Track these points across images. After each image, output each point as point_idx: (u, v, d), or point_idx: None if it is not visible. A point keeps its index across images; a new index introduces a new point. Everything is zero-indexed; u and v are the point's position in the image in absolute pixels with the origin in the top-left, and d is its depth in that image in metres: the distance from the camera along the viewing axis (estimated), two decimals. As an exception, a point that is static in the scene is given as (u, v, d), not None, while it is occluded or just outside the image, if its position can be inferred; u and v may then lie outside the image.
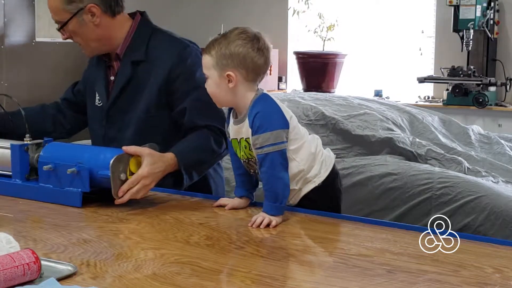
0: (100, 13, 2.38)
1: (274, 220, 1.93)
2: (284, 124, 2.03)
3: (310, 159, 2.11)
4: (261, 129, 1.99)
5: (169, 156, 2.21)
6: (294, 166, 2.06)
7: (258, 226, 1.92)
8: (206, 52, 2.04)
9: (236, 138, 2.10)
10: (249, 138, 2.05)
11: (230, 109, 2.14)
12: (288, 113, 2.07)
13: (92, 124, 2.58)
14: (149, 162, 2.11)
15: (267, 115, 2.01)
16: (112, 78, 2.50)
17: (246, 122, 2.04)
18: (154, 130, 2.40)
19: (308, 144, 2.12)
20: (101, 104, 2.50)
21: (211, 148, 2.34)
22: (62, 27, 2.41)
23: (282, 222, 1.97)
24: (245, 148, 2.08)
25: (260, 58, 2.02)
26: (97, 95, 2.53)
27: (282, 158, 2.00)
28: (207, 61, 2.04)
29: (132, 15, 2.52)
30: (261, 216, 1.94)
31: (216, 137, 2.35)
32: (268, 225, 1.92)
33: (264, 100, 2.05)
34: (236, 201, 2.14)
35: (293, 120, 2.08)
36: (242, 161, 2.13)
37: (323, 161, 2.15)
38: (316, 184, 2.12)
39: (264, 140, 1.99)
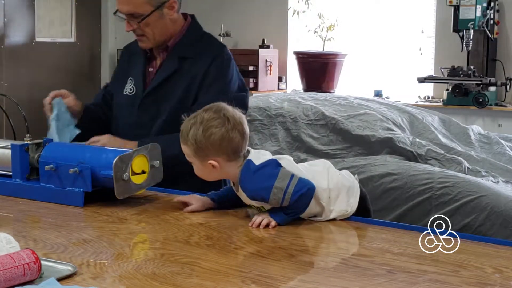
0: (176, 8, 2.54)
1: (274, 221, 1.93)
2: (275, 166, 1.95)
3: (325, 198, 2.00)
4: (266, 190, 1.92)
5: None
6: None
7: (258, 226, 1.92)
8: (182, 142, 1.97)
9: (251, 205, 2.04)
10: (262, 207, 1.99)
11: None
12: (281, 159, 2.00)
13: (120, 111, 2.66)
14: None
15: (258, 179, 1.94)
16: (151, 69, 2.61)
17: (243, 194, 2.00)
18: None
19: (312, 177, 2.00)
20: (133, 92, 2.60)
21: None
22: (143, 19, 2.49)
23: (282, 222, 1.97)
24: (262, 208, 2.00)
25: (236, 137, 1.94)
26: (129, 83, 2.63)
27: (303, 185, 1.92)
28: (186, 151, 1.98)
29: (183, 15, 2.67)
30: (261, 216, 1.94)
31: None
32: (267, 225, 1.92)
33: (247, 169, 1.96)
34: (200, 203, 2.09)
35: (284, 162, 1.99)
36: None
37: (348, 190, 2.05)
38: (350, 215, 2.03)
39: (279, 197, 1.91)
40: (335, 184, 2.02)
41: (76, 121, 2.60)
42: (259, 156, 2.00)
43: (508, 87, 5.80)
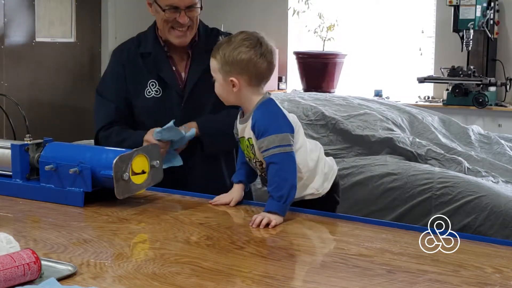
0: None
1: (274, 220, 1.93)
2: (289, 128, 2.05)
3: (311, 168, 2.12)
4: (267, 132, 2.01)
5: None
6: None
7: (258, 225, 1.92)
8: (212, 56, 2.10)
9: (243, 137, 2.13)
10: (251, 138, 2.07)
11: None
12: (293, 120, 2.10)
13: (148, 115, 2.61)
14: None
15: (271, 118, 2.04)
16: (173, 68, 2.63)
17: (249, 123, 2.06)
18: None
19: (305, 150, 2.12)
20: (159, 94, 2.59)
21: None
22: (201, 4, 2.60)
23: (282, 222, 1.97)
24: (247, 147, 2.11)
25: (263, 63, 2.05)
26: (153, 86, 2.61)
27: (290, 160, 2.01)
28: (213, 64, 2.10)
29: None
30: (260, 216, 1.94)
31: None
32: (267, 225, 1.92)
33: (268, 104, 2.08)
34: (236, 194, 2.16)
35: (296, 126, 2.10)
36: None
37: (326, 173, 2.17)
38: (319, 196, 2.14)
39: (269, 143, 2.01)
40: (319, 164, 2.15)
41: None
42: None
43: (508, 87, 5.80)
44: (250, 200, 2.63)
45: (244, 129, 2.10)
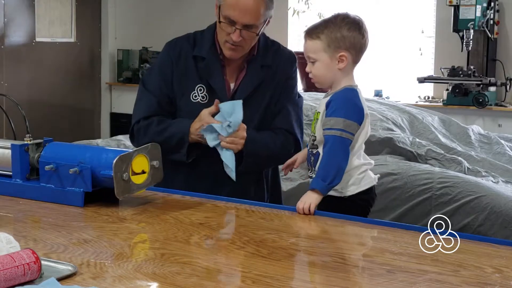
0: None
1: (311, 203, 2.03)
2: (359, 119, 2.16)
3: (349, 170, 2.19)
4: (337, 112, 2.12)
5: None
6: None
7: (303, 212, 2.03)
8: (313, 38, 2.20)
9: (318, 111, 2.25)
10: (319, 113, 2.20)
11: None
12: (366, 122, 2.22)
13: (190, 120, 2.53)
14: None
15: (348, 103, 2.15)
16: (224, 77, 2.56)
17: (329, 96, 2.20)
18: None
19: (357, 154, 2.22)
20: (206, 100, 2.52)
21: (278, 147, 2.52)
22: (261, 29, 2.51)
23: (282, 222, 1.98)
24: (313, 120, 2.24)
25: (365, 40, 2.23)
26: (201, 91, 2.55)
27: (345, 147, 2.12)
28: (316, 45, 2.20)
29: None
30: (301, 202, 2.05)
31: (287, 141, 2.55)
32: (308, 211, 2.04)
33: (352, 91, 2.20)
34: (301, 155, 2.33)
35: (365, 127, 2.22)
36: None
37: (361, 179, 2.24)
38: (337, 195, 2.20)
39: (335, 123, 2.11)
40: (357, 171, 2.23)
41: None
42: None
43: (508, 87, 5.80)
44: (279, 199, 2.64)
45: (322, 104, 2.22)
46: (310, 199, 2.06)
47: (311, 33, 2.21)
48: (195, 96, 2.54)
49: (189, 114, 2.52)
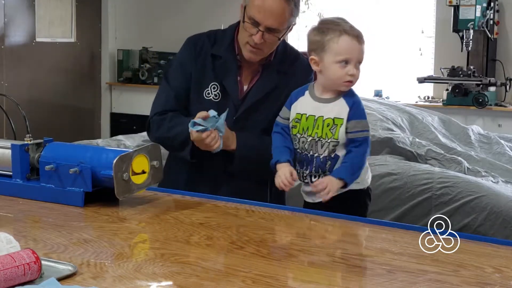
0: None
1: (332, 192, 2.11)
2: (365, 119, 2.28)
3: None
4: (363, 116, 2.21)
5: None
6: None
7: (319, 191, 2.10)
8: (363, 42, 2.24)
9: (314, 115, 2.23)
10: (338, 118, 2.19)
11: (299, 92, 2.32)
12: None
13: (194, 114, 2.50)
14: None
15: (362, 104, 2.24)
16: (238, 78, 2.56)
17: (341, 101, 2.21)
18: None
19: None
20: (218, 99, 2.54)
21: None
22: (283, 34, 2.53)
23: (282, 222, 1.98)
24: (327, 126, 2.21)
25: None
26: (214, 89, 2.55)
27: (369, 147, 2.24)
28: (363, 48, 2.24)
29: None
30: (324, 183, 2.11)
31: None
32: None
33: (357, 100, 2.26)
34: (287, 170, 2.23)
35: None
36: (301, 141, 2.25)
37: (367, 170, 2.36)
38: (358, 187, 2.28)
39: (364, 126, 2.21)
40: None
41: None
42: None
43: (508, 87, 5.80)
44: (282, 199, 2.64)
45: (328, 108, 2.21)
46: (333, 187, 2.12)
47: (362, 37, 2.25)
48: (208, 94, 2.56)
49: (200, 110, 2.49)
